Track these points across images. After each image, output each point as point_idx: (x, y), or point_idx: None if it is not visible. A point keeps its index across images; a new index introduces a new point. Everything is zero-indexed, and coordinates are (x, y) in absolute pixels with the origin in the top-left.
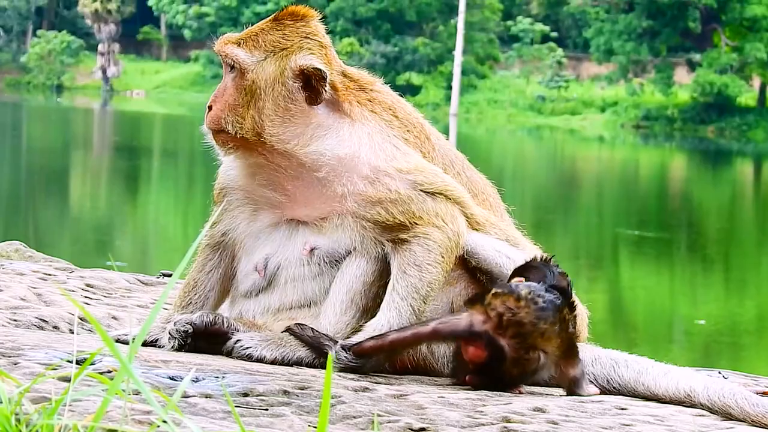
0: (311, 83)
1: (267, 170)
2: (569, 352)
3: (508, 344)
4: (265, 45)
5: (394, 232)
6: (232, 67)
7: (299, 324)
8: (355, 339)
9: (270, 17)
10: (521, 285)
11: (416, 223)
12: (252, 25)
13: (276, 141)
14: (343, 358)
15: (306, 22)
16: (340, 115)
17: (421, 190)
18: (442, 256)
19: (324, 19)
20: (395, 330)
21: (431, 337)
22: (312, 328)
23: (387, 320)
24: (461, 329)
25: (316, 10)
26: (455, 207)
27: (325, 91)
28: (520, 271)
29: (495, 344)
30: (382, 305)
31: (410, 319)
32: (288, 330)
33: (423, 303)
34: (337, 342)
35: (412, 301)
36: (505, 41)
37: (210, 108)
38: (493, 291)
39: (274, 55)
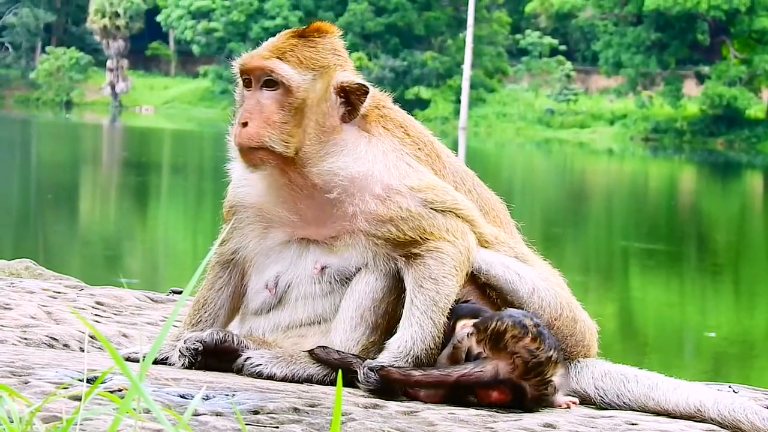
0: (349, 99)
1: (283, 188)
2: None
3: (530, 385)
4: (308, 62)
5: (407, 247)
6: (270, 84)
7: (322, 347)
8: (382, 359)
9: (291, 32)
10: (516, 316)
11: (427, 238)
12: (268, 40)
13: (307, 159)
14: (372, 380)
15: (331, 38)
16: (359, 131)
17: (431, 208)
18: (456, 269)
19: None
20: (422, 371)
21: (454, 385)
22: (336, 351)
23: (410, 336)
24: (487, 379)
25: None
26: (465, 224)
27: (363, 106)
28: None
29: (520, 388)
30: (402, 321)
31: (432, 332)
32: (312, 355)
33: (442, 316)
34: (365, 360)
35: (432, 314)
36: (514, 55)
37: (245, 124)
38: (511, 333)
39: (319, 73)
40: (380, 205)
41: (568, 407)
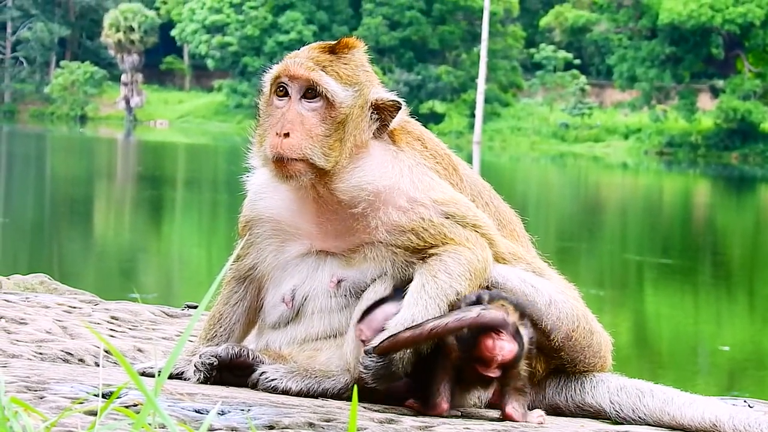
0: (382, 116)
1: (307, 201)
2: None
3: (528, 338)
4: (347, 78)
5: (426, 250)
6: (312, 96)
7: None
8: (375, 340)
9: (320, 47)
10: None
11: (447, 243)
12: (300, 50)
13: (337, 173)
14: (370, 364)
15: (359, 54)
16: (385, 145)
17: (453, 221)
18: (470, 273)
19: None
20: (410, 327)
21: (452, 329)
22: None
23: (411, 314)
24: (490, 318)
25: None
26: (484, 240)
27: (394, 122)
28: None
29: (520, 337)
30: (405, 302)
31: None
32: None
33: (446, 309)
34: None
35: (440, 302)
36: (528, 69)
37: (287, 135)
38: (488, 297)
39: (358, 90)
40: (402, 216)
41: (541, 424)
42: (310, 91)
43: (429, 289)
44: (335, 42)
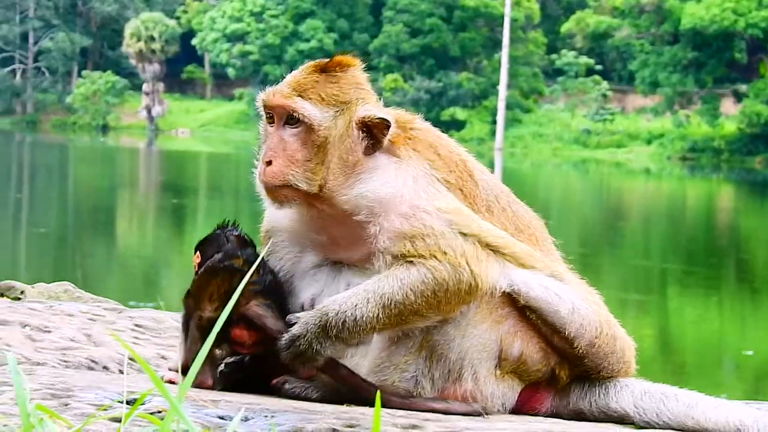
0: (372, 133)
1: (313, 218)
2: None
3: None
4: (329, 99)
5: (408, 257)
6: (293, 122)
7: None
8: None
9: (312, 66)
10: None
11: (432, 257)
12: (295, 70)
13: (332, 192)
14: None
15: (353, 72)
16: (388, 157)
17: (455, 229)
18: (435, 294)
19: (368, 56)
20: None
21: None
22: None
23: (336, 298)
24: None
25: (356, 55)
26: (487, 252)
27: (386, 139)
28: (198, 247)
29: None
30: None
31: (360, 311)
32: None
33: (376, 310)
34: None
35: (371, 299)
36: (550, 75)
37: (269, 163)
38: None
39: (341, 110)
40: (405, 222)
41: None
42: (291, 118)
43: (370, 285)
44: (328, 60)
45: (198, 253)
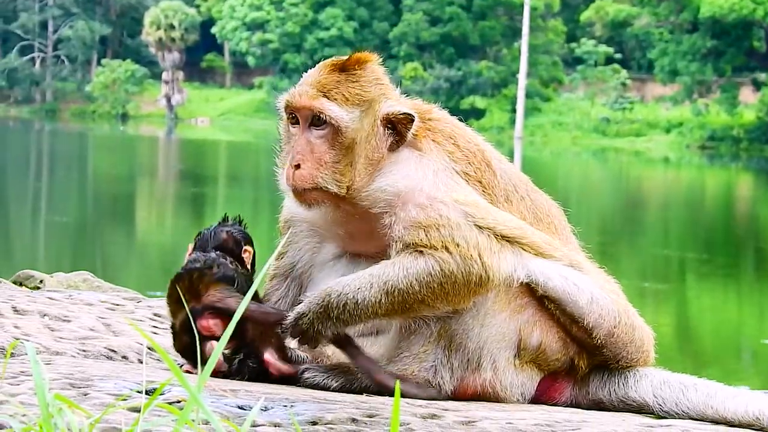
0: (396, 128)
1: (335, 214)
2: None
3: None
4: (353, 99)
5: (417, 247)
6: (319, 123)
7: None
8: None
9: (330, 65)
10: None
11: (446, 249)
12: (312, 69)
13: (358, 192)
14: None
15: (372, 68)
16: (409, 150)
17: (471, 222)
18: (441, 286)
19: (387, 44)
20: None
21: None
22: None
23: (339, 282)
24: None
25: (372, 49)
26: (502, 244)
27: (410, 133)
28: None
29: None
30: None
31: (362, 294)
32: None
33: (380, 296)
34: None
35: (375, 283)
36: (569, 63)
37: (297, 166)
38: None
39: (365, 109)
40: (421, 212)
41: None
42: (317, 119)
43: (375, 270)
44: (346, 58)
45: (189, 248)
